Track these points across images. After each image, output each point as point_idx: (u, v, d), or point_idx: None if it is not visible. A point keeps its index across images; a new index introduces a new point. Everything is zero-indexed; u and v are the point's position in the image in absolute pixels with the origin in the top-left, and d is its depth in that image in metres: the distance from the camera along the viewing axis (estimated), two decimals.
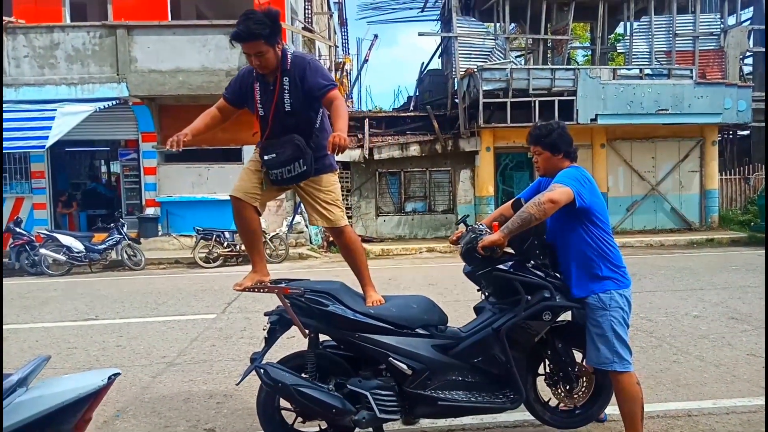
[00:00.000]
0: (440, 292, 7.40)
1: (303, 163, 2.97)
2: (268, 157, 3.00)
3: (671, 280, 8.29)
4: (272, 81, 3.00)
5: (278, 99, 2.98)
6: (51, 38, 12.64)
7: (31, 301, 8.02)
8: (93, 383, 1.84)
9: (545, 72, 14.47)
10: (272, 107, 2.99)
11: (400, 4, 19.91)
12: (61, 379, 1.97)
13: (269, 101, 3.01)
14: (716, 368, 4.40)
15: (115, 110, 12.75)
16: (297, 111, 3.00)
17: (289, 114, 3.00)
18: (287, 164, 2.98)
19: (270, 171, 3.03)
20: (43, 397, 1.77)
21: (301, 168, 2.98)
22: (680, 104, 14.28)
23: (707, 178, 15.44)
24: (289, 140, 2.96)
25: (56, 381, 1.92)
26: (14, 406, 1.70)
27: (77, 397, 1.80)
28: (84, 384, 1.83)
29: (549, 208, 2.75)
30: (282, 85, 2.97)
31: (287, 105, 2.98)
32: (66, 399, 1.78)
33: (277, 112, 3.01)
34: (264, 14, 2.87)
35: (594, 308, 2.90)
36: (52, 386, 1.84)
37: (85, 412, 1.84)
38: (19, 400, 1.73)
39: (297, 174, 3.01)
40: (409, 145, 14.94)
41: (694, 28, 15.93)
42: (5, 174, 13.25)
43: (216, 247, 11.39)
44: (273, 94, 2.99)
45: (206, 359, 5.00)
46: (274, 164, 3.00)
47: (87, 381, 1.85)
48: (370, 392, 2.82)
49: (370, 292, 3.14)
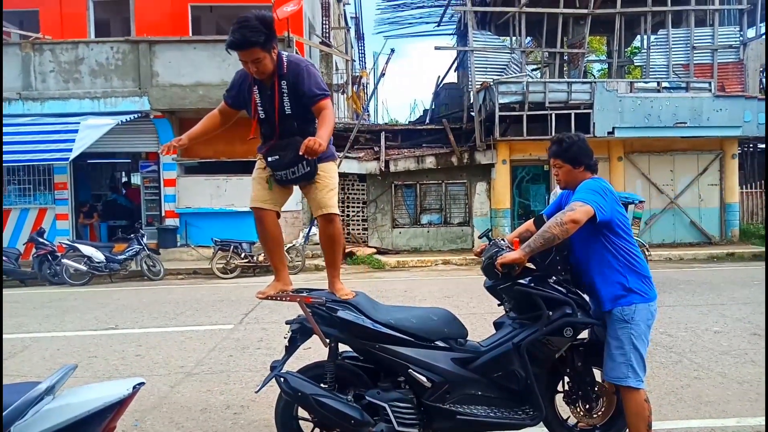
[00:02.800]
0: (456, 305, 7.37)
1: (307, 164, 3.00)
2: (272, 159, 3.05)
3: (691, 295, 8.17)
4: (269, 85, 3.02)
5: (276, 102, 3.01)
6: (76, 53, 12.97)
7: (52, 310, 8.15)
8: (118, 392, 1.87)
9: (561, 85, 14.46)
10: (276, 110, 3.02)
11: (416, 18, 20.07)
12: (88, 387, 2.00)
13: (271, 105, 3.03)
14: (739, 385, 4.32)
15: (137, 123, 12.99)
16: (296, 114, 3.03)
17: (290, 117, 3.03)
18: (291, 166, 3.01)
19: (275, 172, 3.07)
20: (70, 405, 1.80)
21: (305, 169, 3.02)
22: (699, 117, 14.15)
23: (727, 191, 15.23)
24: (293, 143, 2.96)
25: (83, 390, 1.95)
26: (42, 414, 1.74)
27: (103, 405, 1.83)
28: (110, 393, 1.87)
29: (571, 228, 2.75)
30: (280, 89, 3.00)
31: (287, 108, 3.01)
32: (92, 407, 1.81)
33: (275, 114, 3.04)
34: (258, 20, 2.84)
35: (616, 320, 2.88)
36: (79, 395, 1.87)
37: (110, 420, 1.87)
38: (47, 408, 1.77)
39: (301, 175, 3.04)
40: (425, 157, 14.98)
41: (713, 41, 15.82)
42: (29, 186, 13.55)
43: (233, 258, 11.48)
44: (273, 97, 3.02)
45: (223, 369, 5.04)
46: (279, 166, 3.04)
47: (112, 390, 1.88)
48: (389, 404, 2.83)
49: (338, 286, 3.12)
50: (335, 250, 3.24)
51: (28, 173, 13.46)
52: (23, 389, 1.76)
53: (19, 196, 13.57)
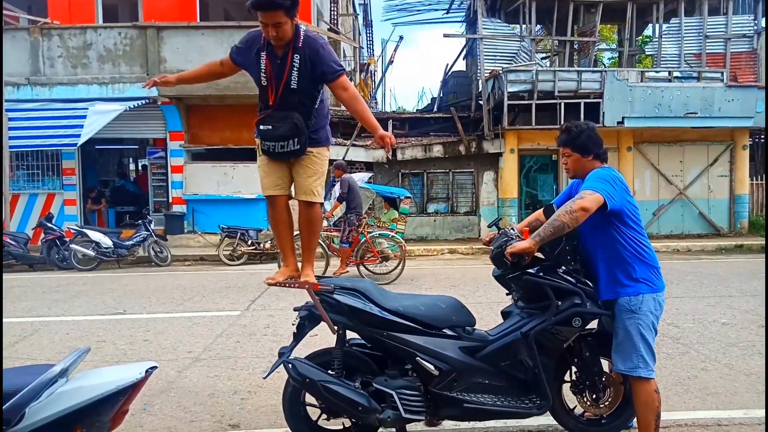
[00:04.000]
0: (463, 294, 7.37)
1: (297, 142, 2.97)
2: (265, 127, 2.99)
3: (699, 287, 8.13)
4: (281, 55, 2.95)
5: (285, 73, 2.94)
6: (84, 39, 12.97)
7: (61, 294, 8.22)
8: (131, 376, 1.89)
9: (571, 74, 14.32)
10: (277, 80, 2.95)
11: (425, 5, 19.86)
12: (101, 371, 2.02)
13: (276, 75, 2.96)
14: (747, 377, 4.31)
15: (144, 109, 13.01)
16: (302, 90, 2.97)
17: (294, 91, 2.96)
18: (282, 140, 2.97)
19: (263, 141, 3.03)
20: (84, 387, 1.82)
21: (294, 146, 2.98)
22: (710, 107, 14.00)
23: (737, 182, 15.10)
24: (289, 117, 2.94)
25: (96, 373, 1.98)
26: (56, 396, 1.76)
27: (116, 389, 1.85)
28: (123, 376, 1.89)
29: (581, 216, 2.72)
30: (292, 62, 2.93)
31: (293, 82, 2.95)
32: (106, 390, 1.84)
33: (280, 86, 2.97)
34: None
35: (623, 310, 2.87)
36: (92, 378, 1.89)
37: (123, 403, 1.90)
38: (61, 390, 1.79)
39: (289, 151, 3.00)
40: (432, 146, 14.92)
41: (726, 30, 15.59)
42: (38, 171, 13.62)
43: (240, 245, 11.52)
44: (282, 68, 2.94)
45: (231, 355, 5.07)
46: (270, 137, 2.99)
47: (125, 373, 1.90)
48: (396, 391, 2.84)
49: (308, 271, 3.12)
50: (313, 233, 3.25)
51: (36, 158, 13.52)
52: (38, 371, 1.78)
53: (28, 181, 13.66)
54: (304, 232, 3.26)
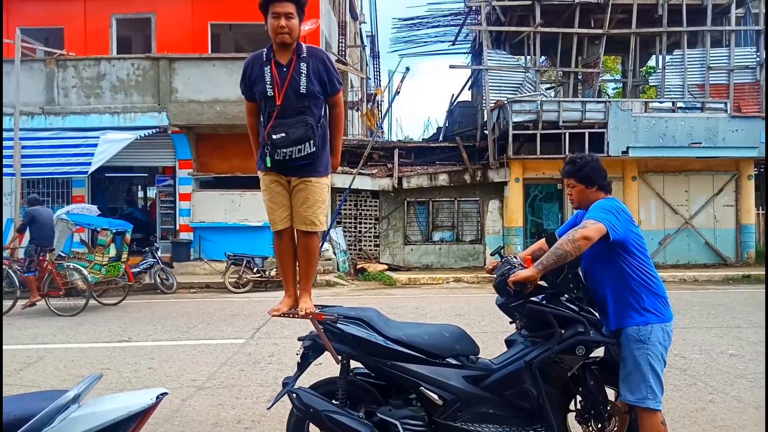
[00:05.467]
0: (468, 323, 7.34)
1: (313, 144, 2.96)
2: (278, 136, 2.94)
3: (706, 317, 8.06)
4: (286, 63, 3.01)
5: (291, 79, 2.97)
6: (98, 69, 13.29)
7: (66, 321, 8.25)
8: (142, 402, 1.92)
9: (575, 104, 14.48)
10: (285, 86, 2.97)
11: (431, 37, 20.26)
12: (113, 397, 2.05)
13: (282, 80, 2.98)
14: (755, 410, 4.25)
15: (154, 138, 13.22)
16: (310, 95, 3.00)
17: (303, 96, 2.99)
18: (298, 143, 2.94)
19: (278, 150, 2.95)
20: (96, 413, 1.85)
21: (311, 149, 2.96)
22: (714, 137, 14.08)
23: (743, 212, 15.06)
24: (301, 120, 2.95)
25: (108, 399, 2.01)
26: (69, 421, 1.79)
27: (127, 414, 1.88)
28: (134, 402, 1.92)
29: (583, 245, 2.75)
30: (298, 69, 2.98)
31: (302, 87, 2.98)
32: (117, 416, 1.86)
33: (288, 92, 2.99)
34: None
35: (632, 340, 2.87)
36: (104, 404, 1.93)
37: (134, 429, 1.92)
38: (74, 416, 1.82)
39: (306, 155, 2.96)
40: (438, 174, 15.03)
41: (729, 62, 15.78)
42: (48, 198, 13.79)
43: (246, 272, 11.55)
44: (286, 74, 2.98)
45: (235, 384, 5.06)
46: (285, 143, 2.94)
47: (136, 399, 1.93)
48: (400, 421, 2.83)
49: (305, 298, 3.09)
50: (311, 262, 3.25)
51: (47, 186, 13.71)
52: (52, 397, 1.81)
53: None
54: (303, 262, 3.26)
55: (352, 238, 15.16)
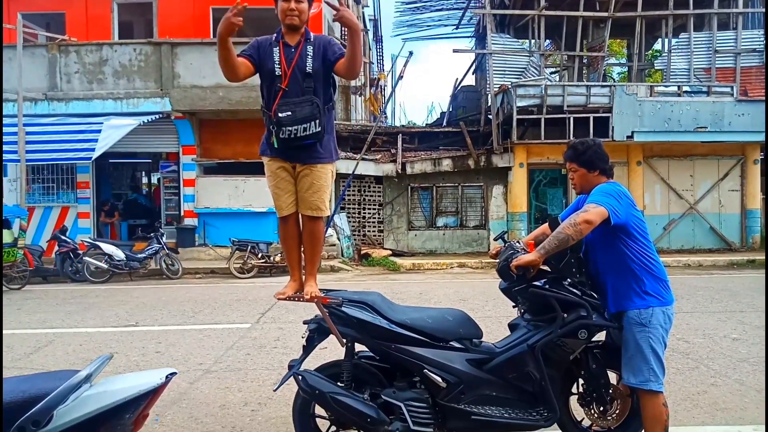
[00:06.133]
0: (472, 308, 7.38)
1: (318, 123, 2.99)
2: (284, 114, 2.98)
3: (710, 302, 8.08)
4: (294, 45, 3.08)
5: (299, 59, 3.05)
6: (100, 55, 13.25)
7: (74, 306, 8.33)
8: (152, 381, 1.98)
9: (580, 88, 14.37)
10: (292, 65, 3.04)
11: (435, 21, 20.10)
12: (124, 376, 2.11)
13: (289, 60, 3.05)
14: (757, 393, 4.28)
15: (158, 124, 13.21)
16: (316, 75, 3.06)
17: (309, 76, 3.04)
18: (304, 122, 2.97)
19: (283, 128, 2.98)
20: (107, 392, 1.92)
21: (316, 128, 2.99)
22: (720, 122, 13.98)
23: (748, 197, 15.00)
24: (307, 100, 3.00)
25: (119, 378, 2.07)
26: (82, 400, 1.85)
27: (138, 393, 1.94)
28: (144, 381, 1.97)
29: (584, 229, 2.77)
30: (305, 50, 3.07)
31: (309, 67, 3.04)
32: (128, 395, 1.92)
33: (296, 71, 3.04)
34: None
35: (634, 324, 2.89)
36: (115, 383, 1.99)
37: (144, 407, 1.98)
38: (86, 394, 1.88)
39: (312, 134, 3.00)
40: (441, 160, 15.00)
41: (736, 45, 15.59)
42: (53, 184, 13.86)
43: (250, 258, 11.61)
44: (294, 55, 3.06)
45: (241, 367, 5.12)
46: (291, 121, 2.97)
47: (146, 379, 1.99)
48: (404, 403, 2.88)
49: (311, 282, 3.15)
50: (316, 246, 3.29)
51: (51, 172, 13.78)
52: (65, 376, 1.87)
53: (43, 194, 13.90)
54: (308, 246, 3.30)
55: (356, 224, 15.19)
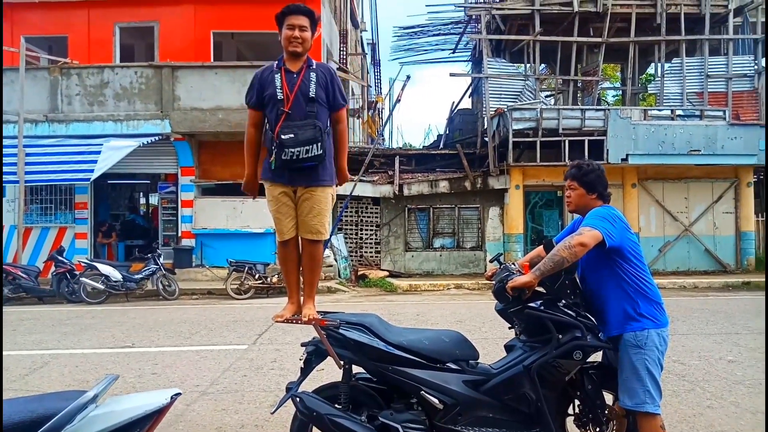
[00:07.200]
0: (468, 329, 7.38)
1: (320, 146, 3.04)
2: (287, 136, 3.01)
3: (705, 324, 8.11)
4: (296, 71, 3.15)
5: (301, 84, 3.11)
6: (101, 77, 13.40)
7: (70, 327, 8.30)
8: (157, 401, 2.01)
9: (575, 112, 14.59)
10: (294, 89, 3.09)
11: (432, 45, 20.38)
12: (129, 397, 2.14)
13: (292, 85, 3.11)
14: (753, 415, 4.30)
15: (157, 145, 13.31)
16: (319, 100, 3.12)
17: (312, 101, 3.10)
18: (306, 144, 3.01)
19: (285, 150, 3.02)
20: (114, 412, 1.95)
21: (318, 150, 3.03)
22: (713, 145, 14.17)
23: (742, 219, 15.14)
24: (310, 123, 3.05)
25: (124, 398, 2.10)
26: (88, 420, 1.88)
27: (143, 413, 1.97)
28: (149, 402, 2.00)
29: (579, 251, 2.83)
30: (308, 76, 3.13)
31: (311, 92, 3.11)
32: (134, 415, 1.96)
33: (299, 95, 3.10)
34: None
35: (630, 346, 2.92)
36: (121, 403, 2.01)
37: (150, 427, 2.01)
38: (93, 414, 1.91)
39: (313, 156, 3.04)
40: (438, 181, 15.11)
41: (728, 70, 15.88)
42: (51, 205, 13.89)
43: (248, 279, 11.61)
44: (296, 80, 3.12)
45: (238, 389, 5.10)
46: (293, 143, 3.01)
47: (152, 399, 2.02)
48: (402, 425, 2.88)
49: (309, 305, 3.17)
50: (315, 269, 3.32)
51: (49, 193, 13.81)
52: (72, 396, 1.90)
53: (41, 215, 13.91)
54: (307, 269, 3.33)
55: (353, 245, 15.22)
